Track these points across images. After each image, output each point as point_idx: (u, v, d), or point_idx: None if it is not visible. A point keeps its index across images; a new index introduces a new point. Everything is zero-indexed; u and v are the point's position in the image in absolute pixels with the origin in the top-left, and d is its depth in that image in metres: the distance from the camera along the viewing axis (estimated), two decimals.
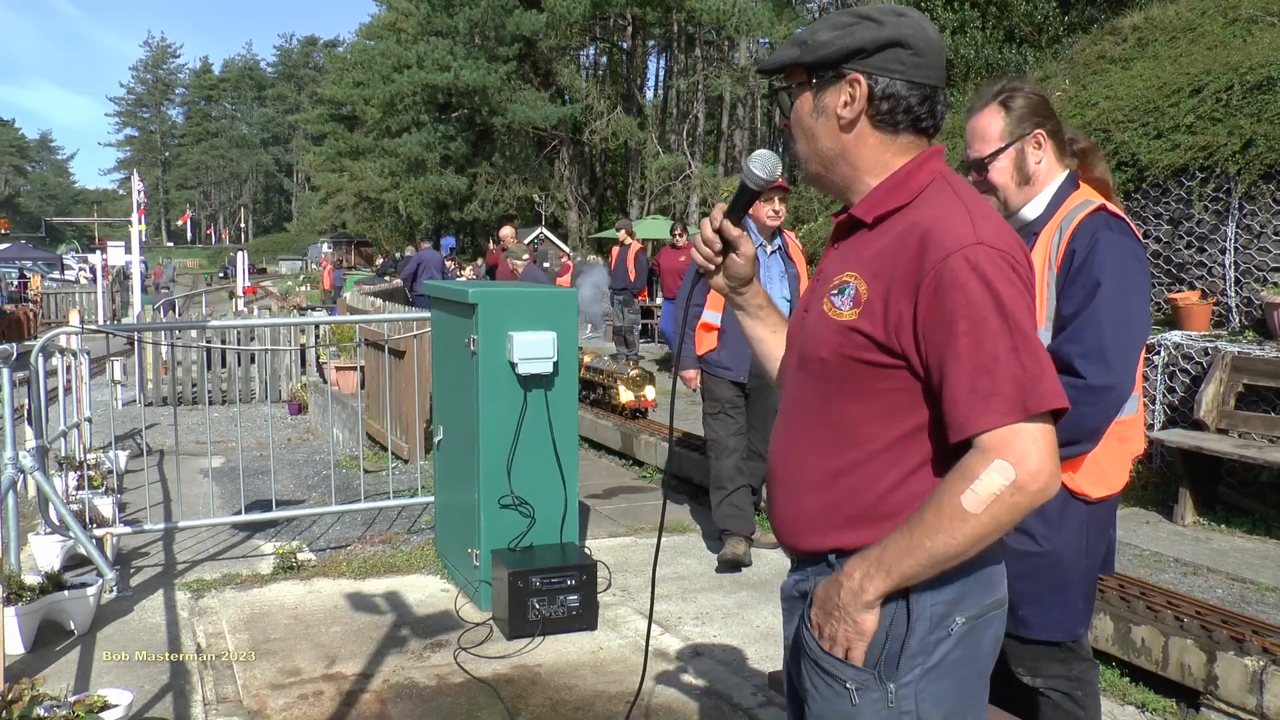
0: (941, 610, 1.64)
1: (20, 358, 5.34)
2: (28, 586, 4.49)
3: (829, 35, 1.72)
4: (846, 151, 1.76)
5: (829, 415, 1.72)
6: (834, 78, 1.73)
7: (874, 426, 1.67)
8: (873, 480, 1.68)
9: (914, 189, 1.71)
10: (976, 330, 1.54)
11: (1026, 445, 1.52)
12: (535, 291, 5.34)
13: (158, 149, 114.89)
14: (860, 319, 1.66)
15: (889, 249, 1.66)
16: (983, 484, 1.52)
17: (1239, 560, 5.55)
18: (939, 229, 1.61)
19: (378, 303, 11.84)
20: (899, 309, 1.62)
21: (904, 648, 1.64)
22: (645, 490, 7.69)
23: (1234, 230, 7.41)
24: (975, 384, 1.54)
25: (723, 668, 4.34)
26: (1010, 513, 1.53)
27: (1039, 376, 1.54)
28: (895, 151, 1.75)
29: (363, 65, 43.38)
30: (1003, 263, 1.58)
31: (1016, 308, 1.57)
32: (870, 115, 1.72)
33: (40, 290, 31.09)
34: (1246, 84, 7.91)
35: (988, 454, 1.53)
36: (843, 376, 1.69)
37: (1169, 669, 3.96)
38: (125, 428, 10.47)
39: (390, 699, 4.01)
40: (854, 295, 1.68)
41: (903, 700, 1.65)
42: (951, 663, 1.66)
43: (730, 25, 33.34)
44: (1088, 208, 2.62)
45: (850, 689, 1.66)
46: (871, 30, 1.70)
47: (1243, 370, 6.52)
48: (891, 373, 1.65)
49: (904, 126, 1.73)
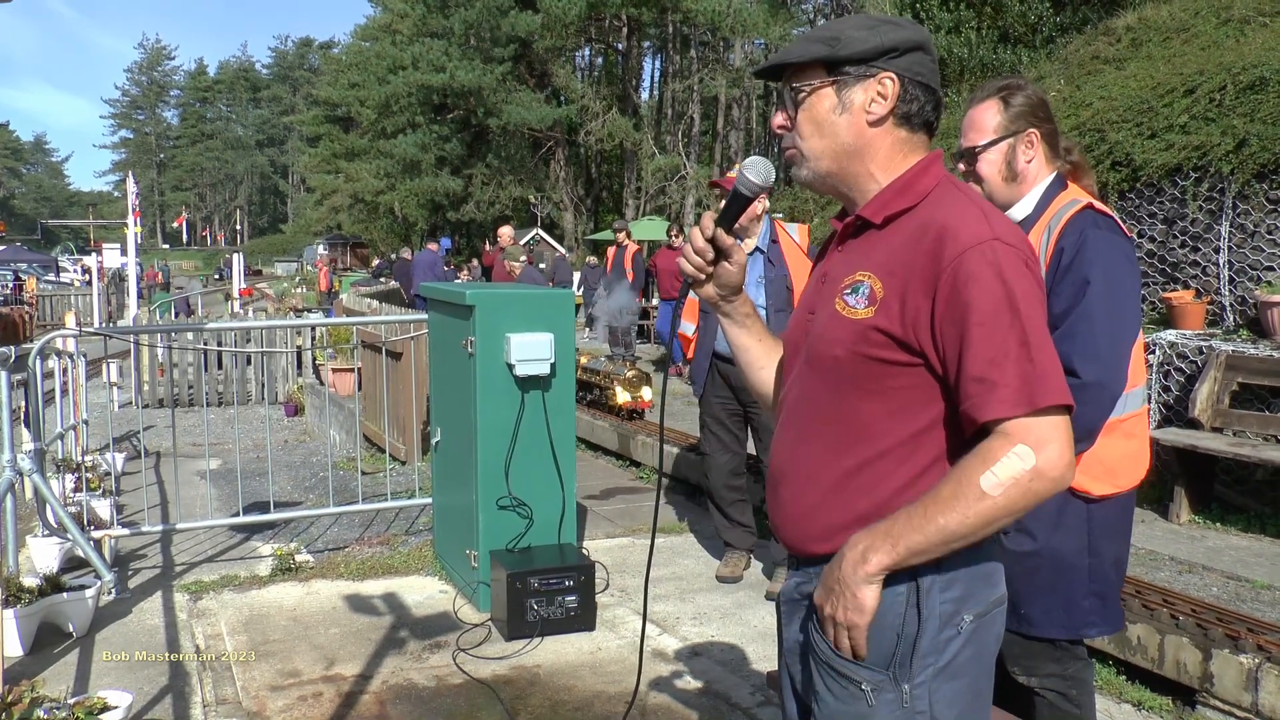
0: (950, 609, 1.66)
1: (17, 360, 5.34)
2: (26, 589, 4.49)
3: (862, 33, 1.76)
4: (867, 147, 1.79)
5: (840, 413, 1.73)
6: (863, 75, 1.76)
7: (887, 424, 1.69)
8: (884, 477, 1.69)
9: (921, 191, 1.74)
10: (990, 322, 1.57)
11: (1048, 433, 1.55)
12: (532, 293, 5.35)
13: (153, 151, 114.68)
14: (877, 316, 1.68)
15: (903, 247, 1.69)
16: (1003, 467, 1.54)
17: (1234, 558, 5.57)
18: (955, 225, 1.64)
19: (374, 304, 11.85)
20: (916, 305, 1.64)
21: (916, 648, 1.65)
22: (642, 491, 7.70)
23: (1228, 229, 7.43)
24: (985, 374, 1.57)
25: (721, 668, 4.35)
26: (1025, 498, 1.55)
27: (1047, 372, 1.57)
28: (910, 150, 1.80)
29: (358, 67, 43.38)
30: (1018, 259, 1.62)
31: (1030, 303, 1.60)
32: (896, 113, 1.77)
33: (35, 293, 31.04)
34: (1239, 84, 7.95)
35: (1010, 438, 1.55)
36: (857, 375, 1.70)
37: (1165, 667, 3.98)
38: (122, 430, 10.47)
39: (389, 700, 4.02)
40: (869, 294, 1.70)
41: (917, 700, 1.66)
42: (962, 662, 1.68)
43: (725, 26, 33.32)
44: (1075, 206, 2.64)
45: (866, 690, 1.67)
46: (900, 33, 1.76)
47: (1237, 369, 6.54)
48: (907, 370, 1.67)
49: (918, 126, 1.79)
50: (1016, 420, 1.55)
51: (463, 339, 5.02)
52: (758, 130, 42.57)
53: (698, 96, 39.22)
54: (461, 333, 5.05)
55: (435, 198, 40.88)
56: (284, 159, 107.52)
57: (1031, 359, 1.57)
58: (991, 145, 2.75)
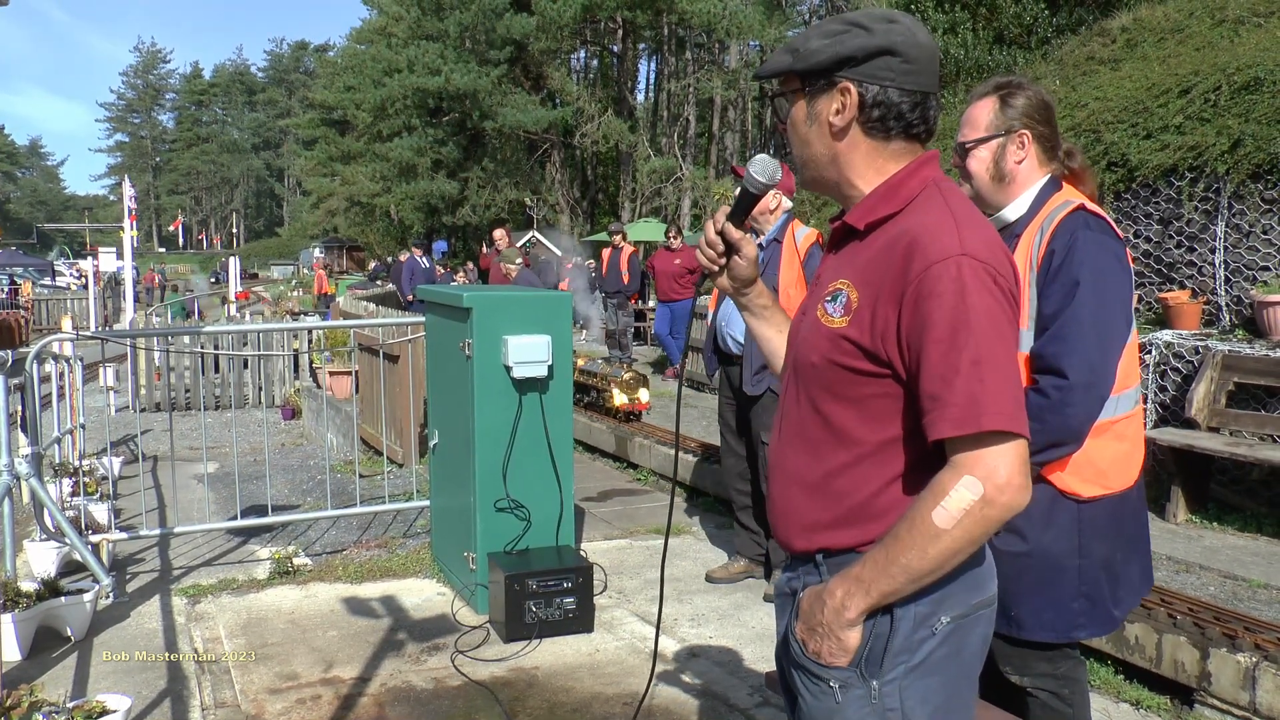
0: (925, 610, 1.67)
1: (13, 364, 5.33)
2: (24, 593, 4.49)
3: (820, 43, 1.74)
4: (839, 158, 1.78)
5: (819, 418, 1.75)
6: (825, 86, 1.75)
7: (861, 430, 1.70)
8: (861, 482, 1.71)
9: (905, 197, 1.73)
10: (945, 340, 1.57)
11: (995, 461, 1.54)
12: (529, 295, 5.35)
13: (148, 154, 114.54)
14: (850, 326, 1.68)
15: (878, 258, 1.69)
16: (953, 500, 1.55)
17: (1230, 557, 5.58)
18: (925, 238, 1.63)
19: (371, 307, 11.84)
20: (885, 317, 1.64)
21: (888, 646, 1.67)
22: (640, 493, 7.70)
23: (1223, 229, 7.45)
24: (936, 392, 1.57)
25: (719, 669, 4.36)
26: (981, 526, 1.56)
27: (997, 394, 1.55)
28: (888, 157, 1.77)
29: (353, 70, 43.29)
30: (985, 275, 1.60)
31: (988, 322, 1.57)
32: (861, 122, 1.74)
33: (31, 297, 31.04)
34: (1234, 84, 7.96)
35: (958, 470, 1.56)
36: (831, 381, 1.72)
37: (1163, 666, 3.98)
38: (119, 434, 10.46)
39: (388, 702, 4.02)
40: (845, 303, 1.71)
41: (887, 697, 1.68)
42: (936, 660, 1.68)
43: (721, 28, 33.31)
44: (1067, 207, 2.62)
45: (834, 687, 1.70)
46: (861, 38, 1.71)
47: (1233, 369, 6.56)
48: (876, 380, 1.67)
49: (896, 133, 1.75)
50: (965, 453, 1.56)
51: (460, 341, 5.02)
52: (753, 132, 42.60)
53: (693, 98, 39.25)
54: (459, 335, 5.05)
55: (431, 201, 40.84)
56: (280, 162, 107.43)
57: (981, 378, 1.55)
58: (981, 143, 2.74)
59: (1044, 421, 2.45)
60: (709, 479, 7.19)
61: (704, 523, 6.71)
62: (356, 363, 9.72)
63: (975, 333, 1.56)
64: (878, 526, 1.67)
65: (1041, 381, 2.51)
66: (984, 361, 1.55)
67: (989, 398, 1.54)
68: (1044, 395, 2.48)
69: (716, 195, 26.54)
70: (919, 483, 1.64)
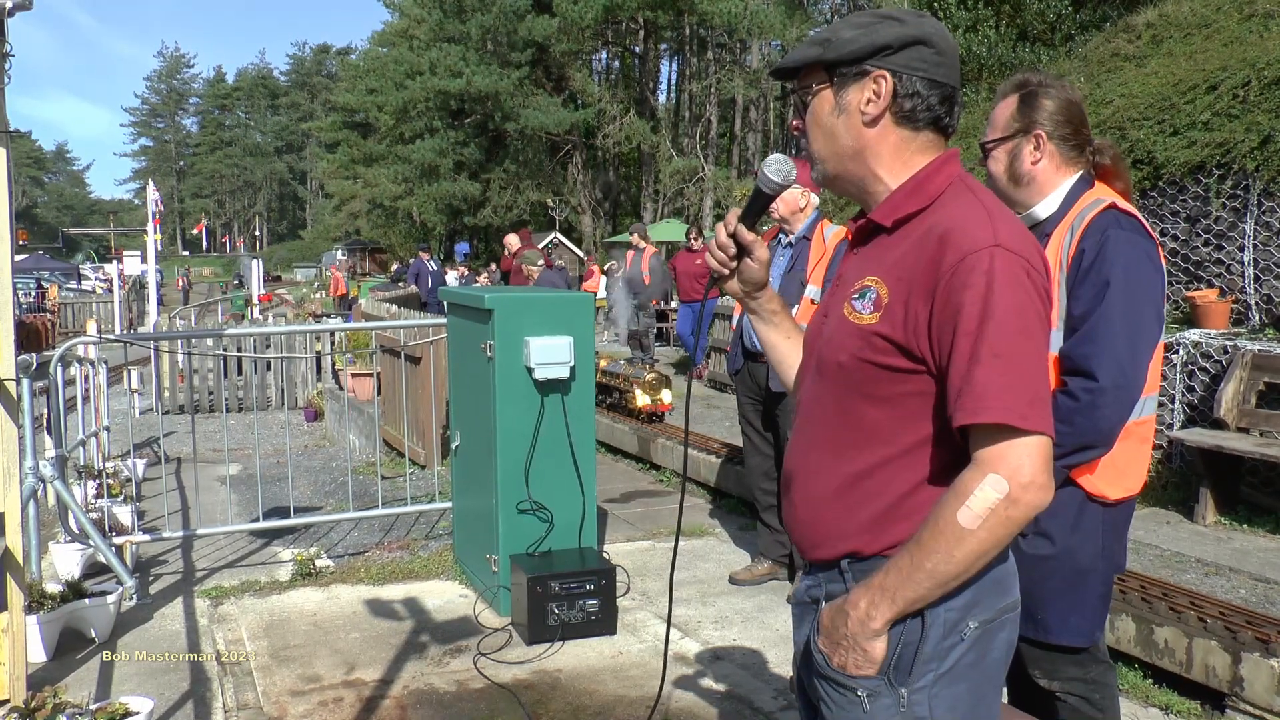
0: (955, 616, 1.64)
1: (39, 367, 5.37)
2: (49, 595, 4.52)
3: (853, 33, 1.73)
4: (867, 149, 1.75)
5: (848, 418, 1.71)
6: (857, 75, 1.73)
7: (892, 430, 1.67)
8: (890, 483, 1.67)
9: (932, 193, 1.71)
10: (973, 332, 1.54)
11: (1020, 458, 1.51)
12: (551, 296, 5.34)
13: (172, 158, 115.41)
14: (881, 323, 1.65)
15: (910, 253, 1.66)
16: (977, 499, 1.52)
17: (1261, 560, 5.50)
18: (958, 231, 1.60)
19: (393, 309, 11.86)
20: (916, 311, 1.61)
21: (917, 654, 1.64)
22: (663, 494, 7.68)
23: (1252, 227, 7.36)
24: (963, 383, 1.55)
25: (743, 671, 4.33)
26: (1005, 526, 1.53)
27: (1009, 387, 1.52)
28: (916, 150, 1.75)
29: (375, 72, 43.48)
30: (1017, 268, 1.57)
31: (1016, 315, 1.55)
32: (894, 112, 1.73)
33: (58, 300, 31.31)
34: (1264, 79, 7.87)
35: (982, 468, 1.53)
36: (861, 380, 1.68)
37: (1193, 671, 3.93)
38: (143, 436, 10.51)
39: (410, 705, 4.01)
40: (875, 299, 1.67)
41: (916, 705, 1.65)
42: (964, 667, 1.66)
43: (742, 28, 33.28)
44: (1098, 206, 2.58)
45: (862, 696, 1.66)
46: (895, 28, 1.71)
47: (1263, 368, 6.47)
48: (910, 376, 1.64)
49: (925, 124, 1.74)
50: (987, 449, 1.53)
51: (482, 343, 5.01)
52: (775, 132, 42.50)
53: (715, 98, 39.19)
54: (480, 337, 5.04)
55: (453, 202, 41.01)
56: (302, 165, 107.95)
57: (1000, 371, 1.52)
58: (999, 143, 2.71)
59: (1073, 424, 2.42)
60: (732, 480, 7.16)
61: (727, 524, 6.68)
62: (379, 364, 9.73)
63: (1001, 325, 1.53)
64: (908, 528, 1.63)
65: (1071, 383, 2.47)
66: (1005, 355, 1.53)
67: (1002, 390, 1.52)
68: (1073, 398, 2.45)
69: (739, 195, 26.50)
70: (949, 484, 1.60)
